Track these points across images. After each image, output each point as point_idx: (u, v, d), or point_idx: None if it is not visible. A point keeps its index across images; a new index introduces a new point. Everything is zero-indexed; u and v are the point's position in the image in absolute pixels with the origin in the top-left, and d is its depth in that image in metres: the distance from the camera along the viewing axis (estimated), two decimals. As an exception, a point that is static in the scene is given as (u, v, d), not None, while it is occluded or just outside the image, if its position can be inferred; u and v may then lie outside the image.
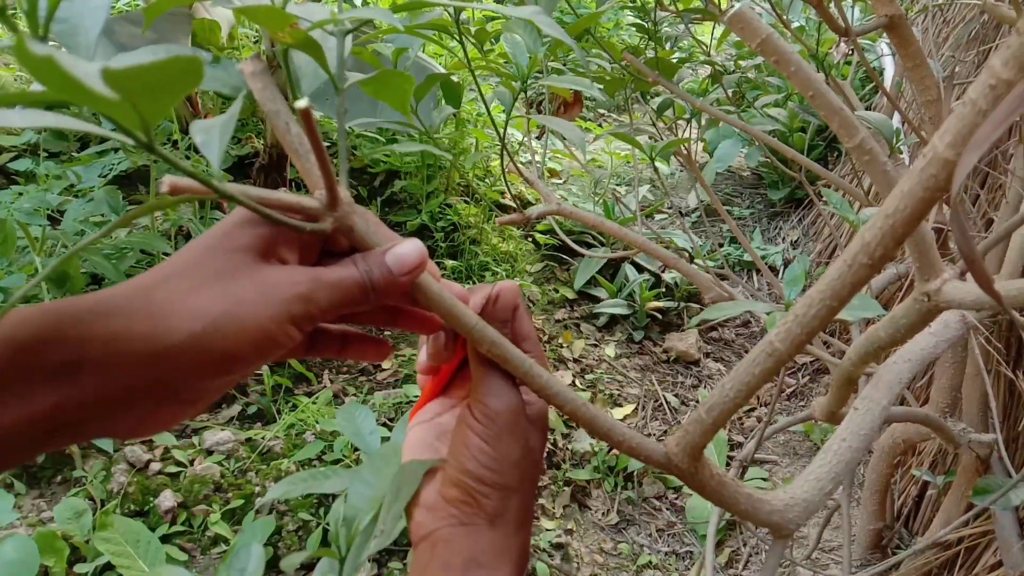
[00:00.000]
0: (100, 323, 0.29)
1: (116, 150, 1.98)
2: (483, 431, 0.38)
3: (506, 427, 0.39)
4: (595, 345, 2.29)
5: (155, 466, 1.49)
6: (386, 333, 2.09)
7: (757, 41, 0.57)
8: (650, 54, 1.06)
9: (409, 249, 0.35)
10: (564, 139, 1.38)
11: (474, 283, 2.14)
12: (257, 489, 1.50)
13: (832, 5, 0.74)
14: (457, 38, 0.67)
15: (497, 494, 0.38)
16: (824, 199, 2.83)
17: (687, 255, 2.35)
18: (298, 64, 0.35)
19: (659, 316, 2.45)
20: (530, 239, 2.50)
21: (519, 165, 0.90)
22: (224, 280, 0.31)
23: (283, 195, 0.33)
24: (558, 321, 2.30)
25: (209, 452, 1.55)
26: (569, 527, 1.70)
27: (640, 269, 2.52)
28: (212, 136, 0.29)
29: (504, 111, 0.78)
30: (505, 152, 0.81)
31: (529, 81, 0.75)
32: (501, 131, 0.78)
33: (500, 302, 0.40)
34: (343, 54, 0.36)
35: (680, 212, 3.06)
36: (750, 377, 0.35)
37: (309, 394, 1.77)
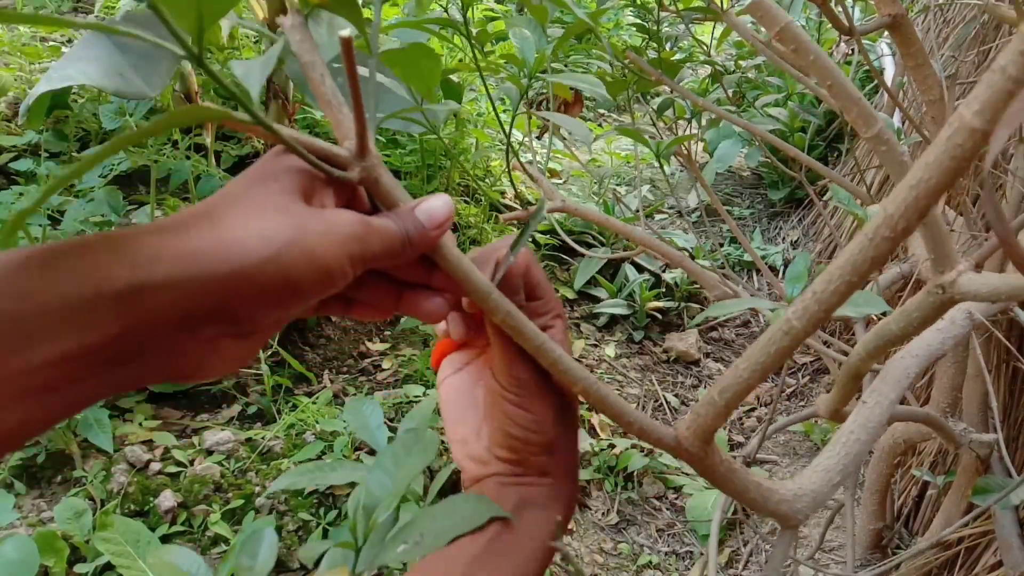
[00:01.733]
0: (169, 243, 0.28)
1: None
2: (516, 399, 0.40)
3: (537, 390, 0.40)
4: (595, 345, 2.29)
5: (155, 466, 1.49)
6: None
7: (776, 29, 0.57)
8: (652, 54, 1.06)
9: (439, 203, 0.35)
10: (564, 139, 1.38)
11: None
12: (257, 489, 1.50)
13: (835, 4, 0.74)
14: (464, 35, 0.67)
15: (544, 451, 0.40)
16: (824, 199, 2.83)
17: (688, 255, 2.35)
18: (316, 35, 0.35)
19: (659, 316, 2.45)
20: (530, 239, 2.50)
21: (523, 163, 0.90)
22: (286, 213, 0.31)
23: (314, 140, 0.33)
24: (558, 321, 2.30)
25: (209, 452, 1.55)
26: (569, 527, 1.70)
27: (640, 269, 2.52)
28: (252, 69, 0.29)
29: (508, 109, 0.78)
30: (509, 149, 0.81)
31: (535, 79, 0.75)
32: (506, 127, 0.78)
33: (511, 272, 0.39)
34: (379, 17, 0.36)
35: (680, 212, 3.06)
36: (765, 357, 0.35)
37: (309, 394, 1.77)
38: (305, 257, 0.30)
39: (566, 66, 1.39)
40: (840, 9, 0.73)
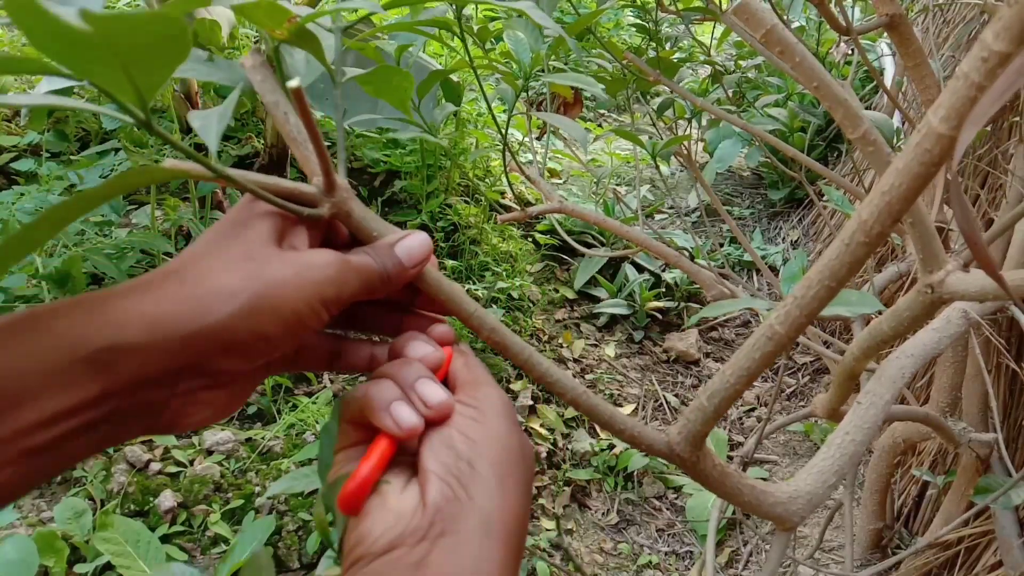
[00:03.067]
0: (136, 308, 0.29)
1: (116, 151, 1.97)
2: (470, 411, 0.35)
3: (493, 409, 0.35)
4: (595, 345, 2.29)
5: (155, 466, 1.49)
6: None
7: (762, 31, 0.57)
8: (651, 54, 1.06)
9: (416, 242, 0.36)
10: (564, 139, 1.38)
11: (474, 283, 2.14)
12: (257, 489, 1.50)
13: (834, 4, 0.74)
14: (458, 34, 0.67)
15: (483, 478, 0.32)
16: (824, 199, 2.83)
17: (687, 255, 2.35)
18: (292, 63, 0.36)
19: (659, 316, 2.45)
20: (530, 239, 2.50)
21: (520, 164, 0.90)
22: (254, 262, 0.31)
23: (281, 181, 0.33)
24: (558, 321, 2.30)
25: (209, 452, 1.55)
26: (569, 527, 1.70)
27: (640, 269, 2.52)
28: (210, 122, 0.29)
29: (505, 110, 0.78)
30: (507, 150, 0.81)
31: (531, 79, 0.75)
32: (503, 129, 0.78)
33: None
34: (340, 48, 0.36)
35: (680, 212, 3.05)
36: (750, 362, 0.35)
37: (309, 394, 1.77)
38: (271, 308, 0.31)
39: (566, 64, 1.39)
40: (838, 10, 0.73)
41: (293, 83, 0.28)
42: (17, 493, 0.27)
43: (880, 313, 0.49)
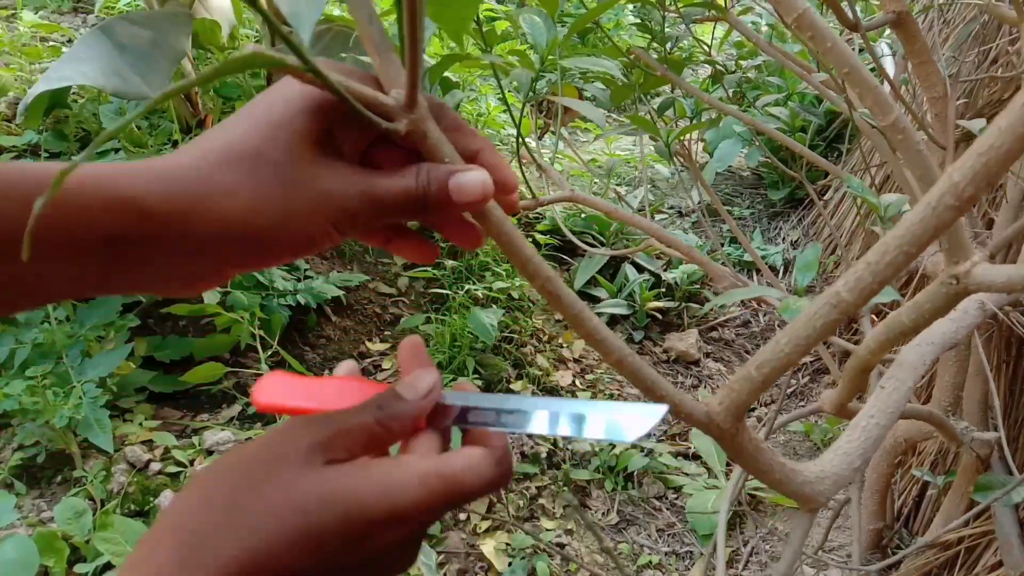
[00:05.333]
0: (163, 205, 0.30)
1: (116, 151, 1.97)
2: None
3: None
4: (595, 345, 2.29)
5: (155, 466, 1.49)
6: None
7: (793, 16, 0.57)
8: (653, 55, 1.06)
9: (470, 180, 0.33)
10: (565, 139, 1.38)
11: (474, 283, 2.14)
12: (257, 489, 1.50)
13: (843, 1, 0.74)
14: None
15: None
16: (824, 199, 2.83)
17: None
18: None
19: (659, 316, 2.45)
20: (530, 239, 2.50)
21: (531, 153, 0.90)
22: (281, 180, 0.31)
23: (363, 87, 0.31)
24: (558, 321, 2.30)
25: (209, 452, 1.55)
26: (569, 527, 1.70)
27: (640, 269, 2.52)
28: (301, 9, 0.28)
29: (509, 108, 0.78)
30: (520, 138, 0.80)
31: (548, 65, 0.74)
32: (517, 117, 0.77)
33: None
34: None
35: (680, 212, 3.06)
36: (810, 331, 0.33)
37: (309, 394, 1.77)
38: (286, 235, 0.32)
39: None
40: (847, 6, 0.73)
41: None
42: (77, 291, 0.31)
43: (895, 305, 0.48)
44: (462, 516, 1.62)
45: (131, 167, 0.30)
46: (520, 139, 0.81)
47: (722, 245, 2.92)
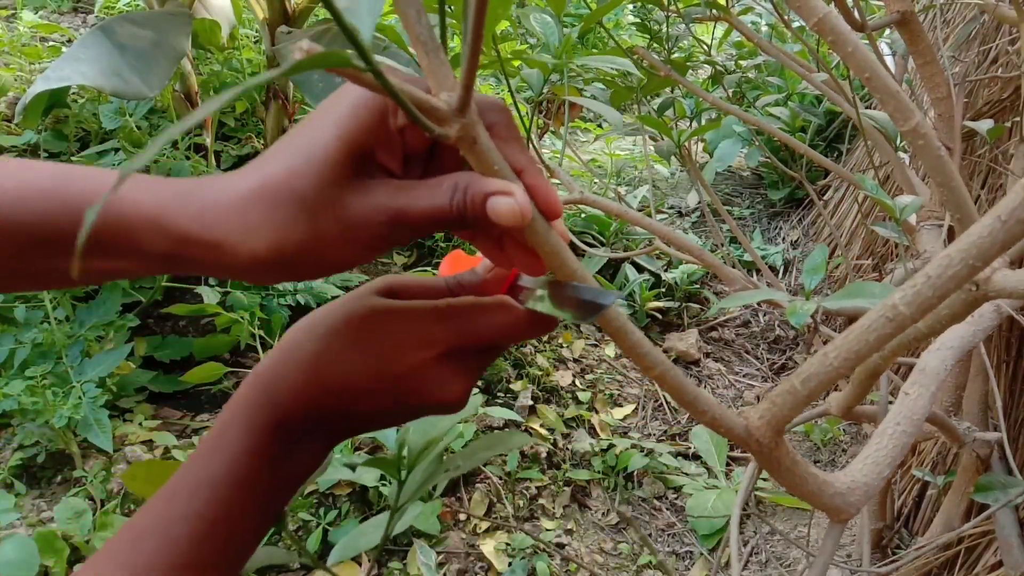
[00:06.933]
0: (198, 238, 0.32)
1: (116, 150, 1.97)
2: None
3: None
4: (595, 345, 2.29)
5: (155, 466, 1.49)
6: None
7: (814, 20, 0.57)
8: (655, 56, 1.06)
9: (509, 208, 0.31)
10: (563, 139, 1.38)
11: (474, 283, 2.13)
12: (257, 489, 1.50)
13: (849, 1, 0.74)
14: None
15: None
16: (824, 199, 2.83)
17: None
18: None
19: (659, 316, 2.45)
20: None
21: (540, 155, 0.90)
22: (309, 214, 0.32)
23: (414, 89, 0.29)
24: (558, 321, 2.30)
25: (209, 452, 1.55)
26: (569, 527, 1.70)
27: (640, 269, 2.52)
28: (358, 4, 0.26)
29: (522, 106, 0.77)
30: (531, 139, 0.80)
31: (561, 65, 0.73)
32: (526, 121, 0.77)
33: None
34: None
35: (680, 212, 3.06)
36: (862, 345, 0.31)
37: (309, 394, 1.77)
38: (315, 262, 0.33)
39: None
40: (853, 6, 0.73)
41: None
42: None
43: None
44: (462, 516, 1.62)
45: (180, 199, 0.33)
46: (529, 140, 0.81)
47: (722, 245, 2.92)
